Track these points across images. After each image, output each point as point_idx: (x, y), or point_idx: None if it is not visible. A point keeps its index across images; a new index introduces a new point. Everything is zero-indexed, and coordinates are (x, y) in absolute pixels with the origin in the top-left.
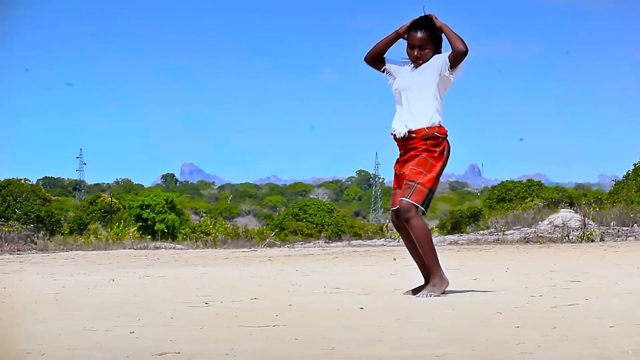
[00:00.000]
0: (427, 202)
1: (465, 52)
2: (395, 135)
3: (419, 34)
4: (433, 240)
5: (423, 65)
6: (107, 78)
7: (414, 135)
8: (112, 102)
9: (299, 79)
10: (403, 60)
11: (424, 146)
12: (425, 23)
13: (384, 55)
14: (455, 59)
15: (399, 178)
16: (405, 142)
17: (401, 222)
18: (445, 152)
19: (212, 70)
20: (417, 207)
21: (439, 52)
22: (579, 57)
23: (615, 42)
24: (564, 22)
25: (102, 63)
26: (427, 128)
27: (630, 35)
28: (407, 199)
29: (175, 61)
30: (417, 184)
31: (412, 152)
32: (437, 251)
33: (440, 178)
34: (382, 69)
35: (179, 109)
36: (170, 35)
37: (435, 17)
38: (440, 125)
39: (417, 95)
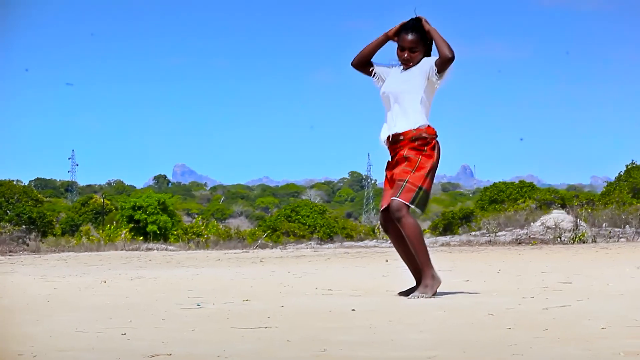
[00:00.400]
0: (418, 200)
1: (452, 59)
2: (384, 140)
3: (410, 36)
4: (425, 240)
5: (412, 69)
6: (99, 79)
7: (401, 137)
8: (104, 103)
9: (292, 80)
10: (392, 62)
11: (412, 147)
12: (416, 25)
13: (372, 59)
14: (442, 65)
15: (390, 180)
16: (394, 146)
17: (389, 224)
18: (435, 150)
19: (204, 72)
20: (408, 206)
21: (429, 54)
22: (573, 60)
23: (608, 44)
24: (559, 24)
25: (94, 64)
26: (415, 130)
27: (624, 37)
28: (396, 198)
29: (168, 62)
30: (406, 182)
31: (401, 153)
32: (429, 251)
33: (434, 179)
34: (370, 73)
35: (171, 110)
36: (162, 36)
37: (425, 20)
38: (429, 126)
39: (405, 99)
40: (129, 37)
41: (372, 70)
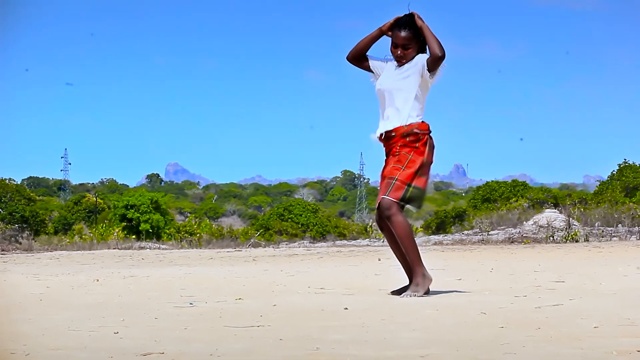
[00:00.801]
0: (409, 196)
1: (442, 57)
2: (377, 137)
3: (403, 33)
4: (415, 238)
5: (405, 66)
6: (93, 79)
7: (393, 134)
8: (97, 102)
9: (285, 79)
10: (386, 57)
11: (404, 143)
12: (409, 22)
13: (367, 53)
14: (433, 63)
15: (383, 179)
16: (388, 142)
17: (384, 222)
18: (427, 146)
19: (197, 71)
20: (398, 203)
21: (423, 50)
22: (568, 60)
23: (601, 45)
24: (554, 24)
25: (89, 64)
26: (406, 125)
27: (617, 38)
28: (386, 197)
29: (161, 61)
30: (395, 179)
31: (393, 150)
32: (421, 251)
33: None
34: (365, 67)
35: (164, 109)
36: (155, 35)
37: (418, 16)
38: (422, 122)
39: (399, 97)
40: (122, 37)
41: (368, 65)
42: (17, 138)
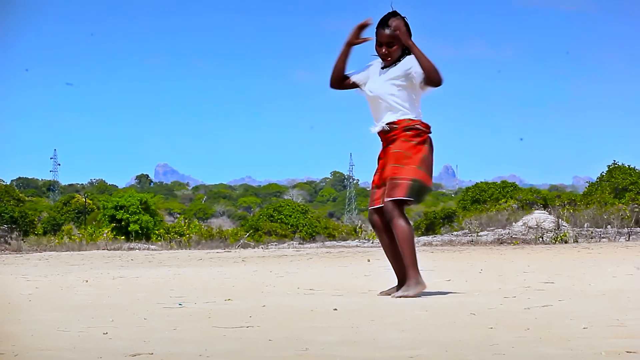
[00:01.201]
0: (412, 193)
1: (439, 84)
2: (378, 131)
3: (387, 31)
4: (415, 243)
5: (393, 69)
6: (83, 79)
7: (395, 126)
8: (86, 103)
9: (274, 80)
10: (370, 62)
11: (404, 137)
12: (392, 19)
13: (347, 72)
14: (429, 85)
15: (380, 175)
16: (387, 135)
17: (376, 221)
18: (426, 144)
19: (187, 72)
20: (401, 205)
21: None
22: (558, 61)
23: (592, 46)
24: (544, 25)
25: (80, 65)
26: (409, 119)
27: (607, 39)
28: (389, 199)
29: (150, 62)
30: (399, 179)
31: (392, 144)
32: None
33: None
34: (350, 86)
35: (153, 109)
36: (144, 36)
37: (402, 32)
38: (422, 121)
39: (393, 98)
40: (112, 38)
41: (351, 83)
42: (6, 139)
